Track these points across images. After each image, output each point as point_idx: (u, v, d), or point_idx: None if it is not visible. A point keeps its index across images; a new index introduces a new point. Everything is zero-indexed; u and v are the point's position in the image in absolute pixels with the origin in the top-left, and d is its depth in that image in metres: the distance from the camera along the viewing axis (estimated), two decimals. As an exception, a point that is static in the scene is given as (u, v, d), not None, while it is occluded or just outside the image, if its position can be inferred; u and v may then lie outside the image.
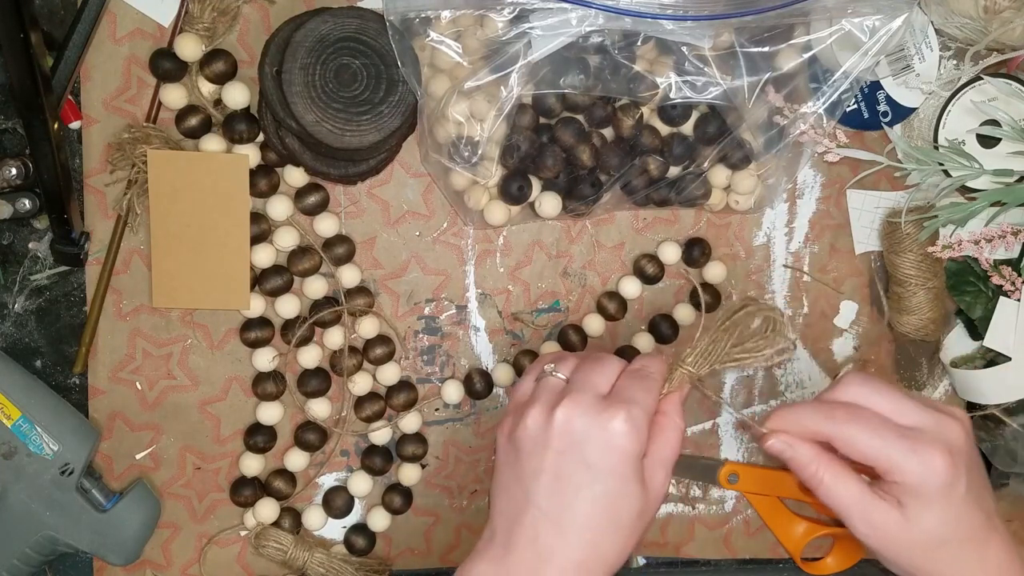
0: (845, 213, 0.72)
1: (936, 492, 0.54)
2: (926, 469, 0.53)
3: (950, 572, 0.55)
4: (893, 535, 0.55)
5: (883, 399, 0.56)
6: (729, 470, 0.71)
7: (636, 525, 0.54)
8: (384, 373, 0.70)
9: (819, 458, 0.56)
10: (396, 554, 0.72)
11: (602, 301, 0.71)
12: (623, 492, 0.53)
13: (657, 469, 0.55)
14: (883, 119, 0.68)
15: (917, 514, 0.54)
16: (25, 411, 0.64)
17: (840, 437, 0.55)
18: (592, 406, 0.54)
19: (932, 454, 0.53)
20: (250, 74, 0.66)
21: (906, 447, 0.53)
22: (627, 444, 0.53)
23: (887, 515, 0.54)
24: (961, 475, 0.54)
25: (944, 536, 0.54)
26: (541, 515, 0.53)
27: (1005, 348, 0.70)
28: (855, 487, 0.55)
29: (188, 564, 0.71)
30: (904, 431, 0.54)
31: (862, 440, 0.54)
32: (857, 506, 0.55)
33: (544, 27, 0.60)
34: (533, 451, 0.54)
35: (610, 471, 0.53)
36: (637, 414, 0.54)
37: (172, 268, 0.66)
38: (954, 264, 0.72)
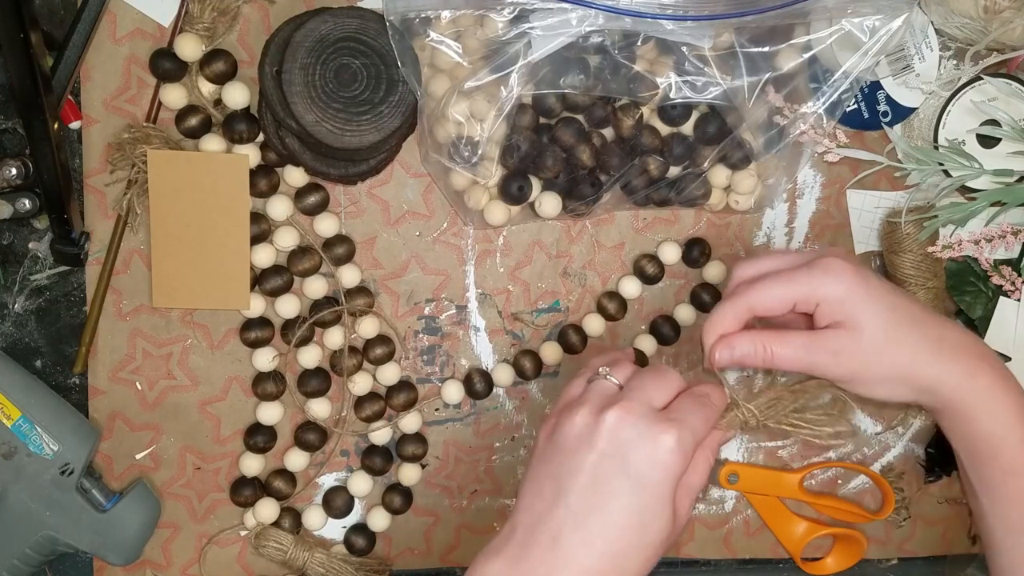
0: (845, 213, 0.72)
1: (853, 288, 0.56)
2: (830, 273, 0.57)
3: (917, 361, 0.57)
4: (854, 352, 0.57)
5: (768, 261, 0.60)
6: (729, 470, 0.71)
7: (659, 548, 0.52)
8: (384, 373, 0.70)
9: (758, 337, 0.58)
10: (396, 554, 0.72)
11: (602, 301, 0.71)
12: (657, 511, 0.52)
13: (685, 497, 0.54)
14: (883, 119, 0.68)
15: (855, 318, 0.56)
16: (25, 411, 0.64)
17: (755, 303, 0.58)
18: (645, 416, 0.53)
19: (827, 262, 0.57)
20: (250, 74, 0.66)
21: (805, 271, 0.57)
22: (673, 463, 0.52)
23: (837, 338, 0.57)
24: (865, 270, 0.58)
25: (890, 323, 0.57)
26: (570, 515, 0.51)
27: (1005, 348, 0.70)
28: (800, 337, 0.58)
29: (188, 564, 0.71)
30: (799, 266, 0.58)
31: (772, 291, 0.57)
32: (812, 349, 0.57)
33: (544, 27, 0.60)
34: (576, 449, 0.53)
35: (650, 485, 0.51)
36: (687, 438, 0.53)
37: (172, 268, 0.66)
38: (954, 264, 0.72)
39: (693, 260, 0.71)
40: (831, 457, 0.74)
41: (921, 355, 0.57)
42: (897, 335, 0.57)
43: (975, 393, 0.57)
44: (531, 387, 0.72)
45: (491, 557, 0.52)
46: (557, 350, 0.70)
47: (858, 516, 0.72)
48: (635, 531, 0.51)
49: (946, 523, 0.76)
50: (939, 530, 0.76)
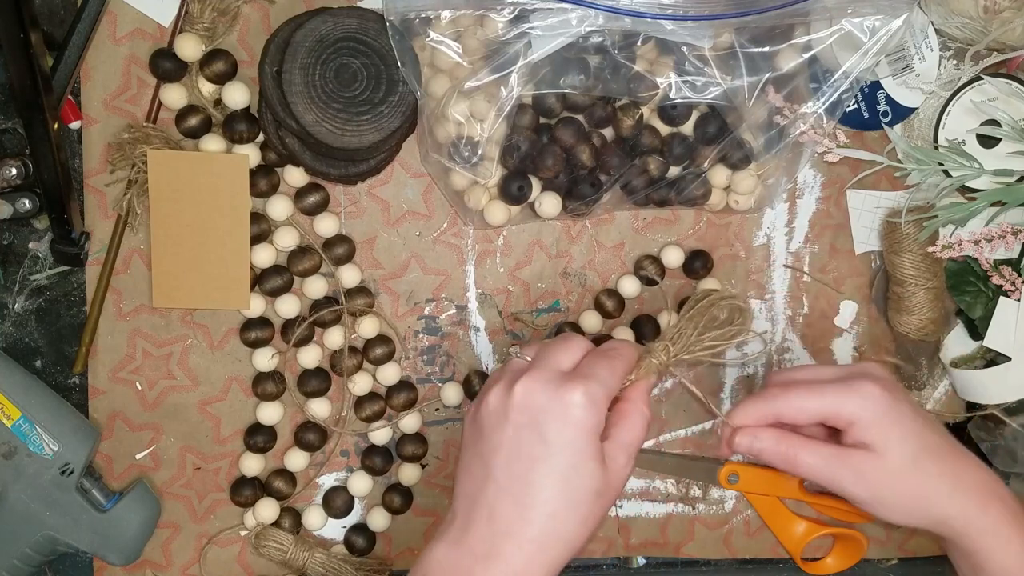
0: (845, 213, 0.72)
1: (885, 414, 0.58)
2: (864, 398, 0.58)
3: (933, 495, 0.58)
4: (876, 474, 0.58)
5: (804, 370, 0.62)
6: (729, 470, 0.71)
7: (594, 505, 0.54)
8: (384, 373, 0.70)
9: (784, 438, 0.59)
10: (396, 554, 0.72)
11: (600, 298, 0.71)
12: (580, 467, 0.53)
13: (618, 452, 0.55)
14: (883, 119, 0.68)
15: (883, 444, 0.58)
16: (25, 411, 0.64)
17: (785, 410, 0.59)
18: (551, 380, 0.54)
19: (862, 384, 0.58)
20: (250, 74, 0.66)
21: (840, 389, 0.58)
22: (583, 417, 0.53)
23: (863, 459, 0.58)
24: (899, 395, 0.59)
25: (915, 454, 0.58)
26: (499, 490, 0.53)
27: (1005, 348, 0.70)
28: (826, 450, 0.59)
29: (188, 564, 0.71)
30: (834, 380, 0.60)
31: (804, 402, 0.59)
32: (834, 462, 0.58)
33: (544, 27, 0.60)
34: (495, 427, 0.54)
35: (566, 445, 0.53)
36: (595, 390, 0.54)
37: (172, 268, 0.66)
38: (954, 264, 0.72)
39: (694, 271, 0.71)
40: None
41: (940, 489, 0.58)
42: (920, 466, 0.58)
43: (986, 529, 0.58)
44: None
45: (435, 543, 0.54)
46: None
47: (858, 516, 0.72)
48: (563, 492, 0.53)
49: (946, 523, 0.76)
50: (939, 530, 0.76)
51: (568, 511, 0.53)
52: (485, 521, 0.53)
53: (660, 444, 0.73)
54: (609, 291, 0.71)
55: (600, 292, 0.71)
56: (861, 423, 0.58)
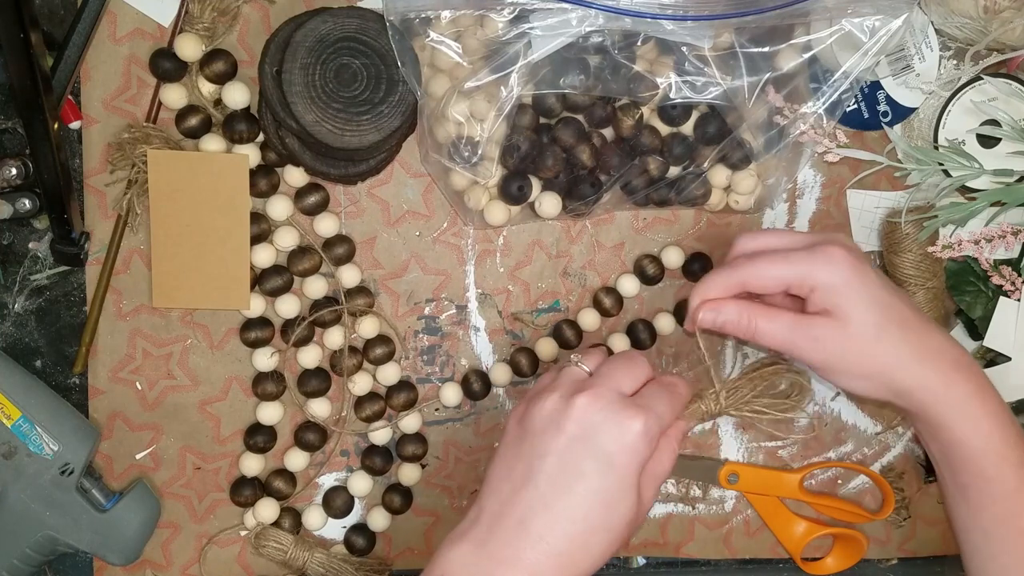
0: (845, 213, 0.72)
1: (849, 280, 0.57)
2: (829, 262, 0.57)
3: (897, 362, 0.57)
4: (837, 342, 0.57)
5: (770, 236, 0.60)
6: (729, 470, 0.71)
7: (623, 531, 0.54)
8: (384, 373, 0.70)
9: (745, 308, 0.58)
10: (396, 554, 0.72)
11: (599, 296, 0.70)
12: (622, 495, 0.53)
13: (650, 484, 0.56)
14: (883, 119, 0.68)
15: (845, 310, 0.56)
16: (25, 411, 0.64)
17: (750, 279, 0.58)
18: (614, 402, 0.54)
19: (828, 249, 0.57)
20: (250, 74, 0.66)
21: (805, 255, 0.57)
22: (640, 447, 0.53)
23: (823, 326, 0.57)
24: (864, 264, 0.58)
25: (878, 321, 0.56)
26: (537, 496, 0.52)
27: (1005, 348, 0.70)
28: (787, 316, 0.58)
29: (188, 564, 0.71)
30: (799, 247, 0.58)
31: (768, 270, 0.58)
32: (796, 331, 0.57)
33: (544, 27, 0.60)
34: (545, 432, 0.54)
35: (617, 468, 0.53)
36: (654, 424, 0.54)
37: (172, 268, 0.66)
38: (954, 264, 0.72)
39: (692, 273, 0.71)
40: (830, 457, 0.74)
41: (902, 358, 0.57)
42: (883, 334, 0.57)
43: (951, 401, 0.57)
44: (531, 387, 0.72)
45: (457, 541, 0.53)
46: (553, 346, 0.70)
47: (858, 516, 0.72)
48: (601, 513, 0.52)
49: (946, 523, 0.76)
50: (939, 530, 0.76)
51: (600, 533, 0.52)
52: (515, 526, 0.52)
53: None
54: (608, 289, 0.71)
55: (599, 290, 0.71)
56: (825, 288, 0.56)
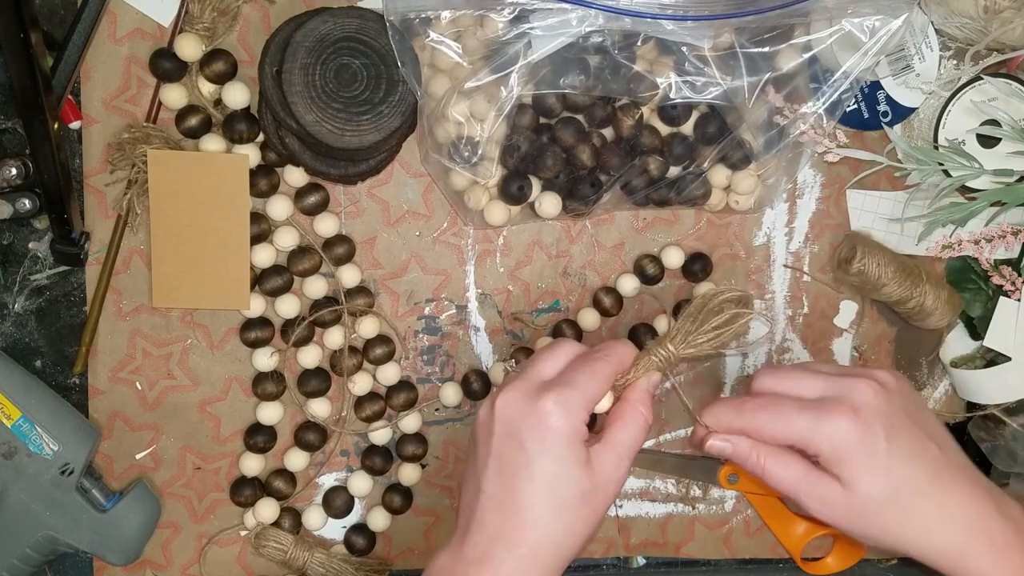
0: (845, 213, 0.72)
1: (854, 453, 0.55)
2: (833, 433, 0.55)
3: (909, 531, 0.56)
4: (842, 506, 0.56)
5: (788, 379, 0.58)
6: (729, 470, 0.71)
7: (581, 509, 0.54)
8: (384, 373, 0.70)
9: (757, 447, 0.57)
10: (396, 554, 0.72)
11: (599, 295, 0.70)
12: (561, 473, 0.53)
13: (608, 454, 0.55)
14: (883, 119, 0.68)
15: (851, 480, 0.55)
16: (25, 411, 0.64)
17: (750, 428, 0.57)
18: (528, 390, 0.55)
19: (833, 418, 0.55)
20: (250, 74, 0.66)
21: (809, 418, 0.55)
22: (558, 424, 0.53)
23: (830, 488, 0.56)
24: (876, 431, 0.55)
25: (886, 496, 0.55)
26: (488, 500, 0.54)
27: (1005, 348, 0.70)
28: (796, 467, 0.57)
29: (188, 564, 0.71)
30: (806, 405, 0.56)
31: (768, 425, 0.57)
32: (803, 484, 0.56)
33: (544, 27, 0.60)
34: (482, 439, 0.56)
35: (544, 452, 0.53)
36: (570, 395, 0.54)
37: (172, 268, 0.66)
38: (954, 264, 0.72)
39: (692, 274, 0.71)
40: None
41: (913, 530, 0.56)
42: (891, 508, 0.55)
43: (969, 570, 0.55)
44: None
45: (438, 554, 0.55)
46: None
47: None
48: (545, 497, 0.53)
49: (946, 523, 0.76)
50: (939, 530, 0.76)
51: (555, 515, 0.53)
52: (478, 530, 0.54)
53: (660, 444, 0.73)
54: (607, 288, 0.71)
55: (599, 289, 0.71)
56: (828, 456, 0.55)
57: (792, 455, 0.57)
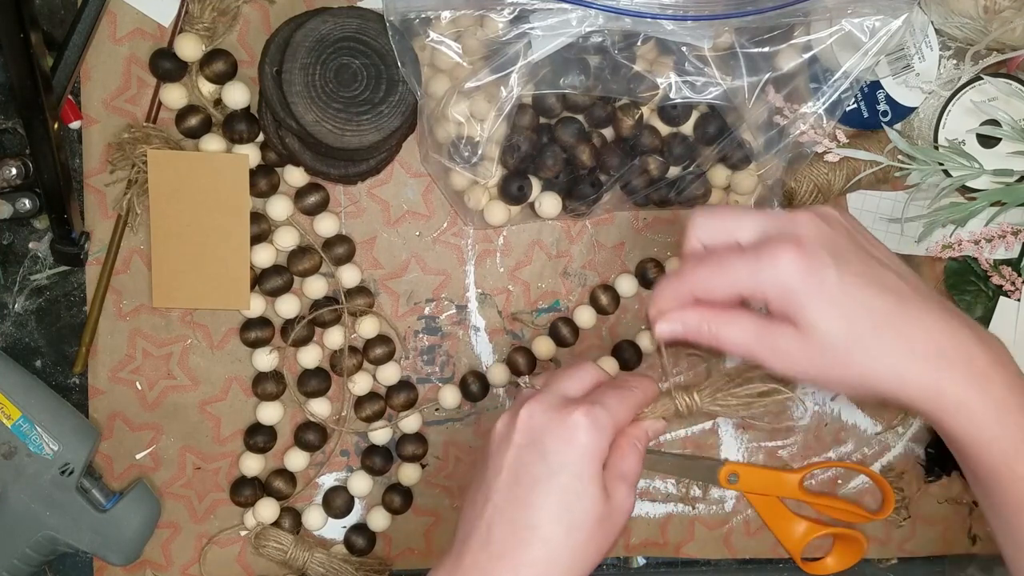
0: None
1: (802, 288, 0.50)
2: (776, 270, 0.50)
3: (879, 367, 0.50)
4: (802, 354, 0.51)
5: (724, 221, 0.53)
6: (729, 470, 0.71)
7: (595, 531, 0.52)
8: (384, 373, 0.70)
9: (704, 317, 0.53)
10: (396, 554, 0.72)
11: (596, 292, 0.70)
12: (580, 491, 0.51)
13: (618, 483, 0.53)
14: (883, 119, 0.68)
15: (805, 319, 0.50)
16: (25, 411, 0.64)
17: (696, 289, 0.53)
18: (556, 404, 0.53)
19: (774, 254, 0.50)
20: (250, 74, 0.66)
21: (750, 261, 0.51)
22: (586, 439, 0.51)
23: (786, 337, 0.51)
24: (823, 259, 0.50)
25: (845, 330, 0.50)
26: (497, 511, 0.51)
27: (1005, 348, 0.70)
28: (749, 324, 0.52)
29: (188, 564, 0.71)
30: (746, 250, 0.52)
31: (712, 280, 0.52)
32: (759, 341, 0.52)
33: (544, 27, 0.60)
34: (497, 451, 0.53)
35: (568, 465, 0.51)
36: (600, 413, 0.52)
37: (172, 268, 0.66)
38: (954, 264, 0.72)
39: None
40: (830, 457, 0.74)
41: (880, 365, 0.50)
42: (854, 343, 0.50)
43: (944, 405, 0.50)
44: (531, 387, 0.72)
45: (433, 571, 0.52)
46: (550, 345, 0.70)
47: (858, 516, 0.72)
48: (562, 514, 0.51)
49: (946, 523, 0.76)
50: (939, 530, 0.76)
51: (567, 535, 0.51)
52: (480, 546, 0.51)
53: (660, 444, 0.73)
54: (605, 287, 0.71)
55: (596, 287, 0.71)
56: (777, 299, 0.50)
57: (742, 313, 0.52)
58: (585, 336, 0.71)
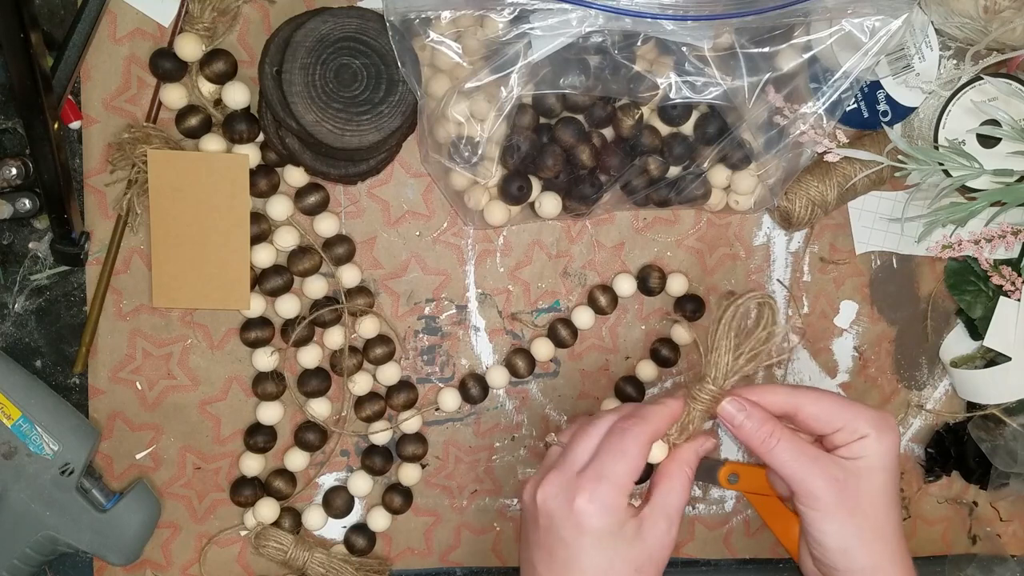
0: (845, 213, 0.72)
1: (892, 448, 0.58)
2: (886, 424, 0.58)
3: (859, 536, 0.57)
4: (852, 487, 0.57)
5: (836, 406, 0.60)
6: (729, 470, 0.71)
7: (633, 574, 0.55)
8: (384, 373, 0.70)
9: (772, 421, 0.58)
10: (396, 554, 0.72)
11: (594, 292, 0.70)
12: (611, 558, 0.55)
13: (658, 519, 0.56)
14: (883, 119, 0.68)
15: (875, 466, 0.57)
16: (25, 411, 0.64)
17: (808, 401, 0.59)
18: (563, 486, 0.56)
19: (889, 427, 0.58)
20: (250, 74, 0.66)
21: (864, 407, 0.58)
22: (594, 523, 0.55)
23: (846, 468, 0.57)
24: (898, 466, 0.59)
25: (890, 495, 0.58)
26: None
27: (1005, 348, 0.70)
28: (812, 447, 0.59)
29: (188, 564, 0.71)
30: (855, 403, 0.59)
31: (828, 403, 0.58)
32: (817, 463, 0.57)
33: (544, 27, 0.60)
34: (530, 523, 0.58)
35: (586, 548, 0.55)
36: (602, 490, 0.55)
37: (172, 268, 0.66)
38: (954, 264, 0.72)
39: (681, 308, 0.71)
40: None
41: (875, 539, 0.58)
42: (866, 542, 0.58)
43: None
44: (531, 387, 0.72)
45: None
46: (549, 346, 0.70)
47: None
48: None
49: (946, 523, 0.76)
50: (939, 530, 0.76)
51: None
52: None
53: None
54: (604, 287, 0.71)
55: (595, 287, 0.71)
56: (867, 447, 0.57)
57: (803, 442, 0.58)
58: (584, 337, 0.71)
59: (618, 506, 0.55)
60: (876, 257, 0.73)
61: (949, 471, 0.75)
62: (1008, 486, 0.73)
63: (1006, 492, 0.75)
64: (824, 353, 0.74)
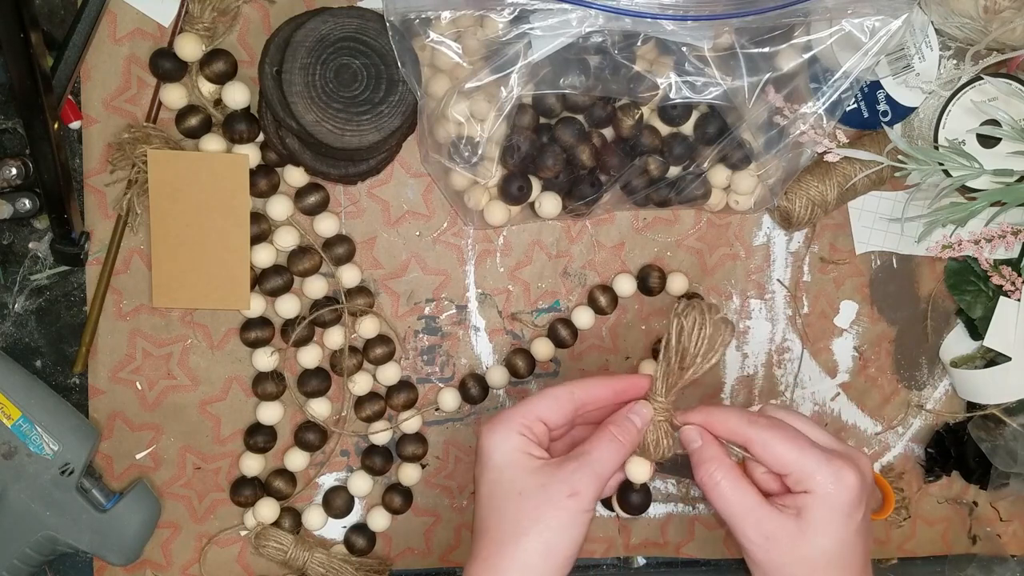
0: (845, 213, 0.72)
1: (841, 509, 0.54)
2: (839, 482, 0.54)
3: None
4: (785, 547, 0.54)
5: (800, 422, 0.58)
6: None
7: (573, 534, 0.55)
8: (384, 373, 0.70)
9: (721, 460, 0.56)
10: (396, 554, 0.72)
11: (594, 292, 0.70)
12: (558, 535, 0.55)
13: (588, 476, 0.56)
14: (883, 119, 0.68)
15: (815, 528, 0.54)
16: (25, 411, 0.64)
17: (759, 440, 0.56)
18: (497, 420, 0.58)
19: (847, 470, 0.54)
20: (250, 74, 0.66)
21: (822, 458, 0.55)
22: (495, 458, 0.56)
23: (783, 525, 0.54)
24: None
25: (832, 559, 0.54)
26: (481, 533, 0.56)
27: (1005, 348, 0.70)
28: (752, 495, 0.56)
29: (188, 564, 0.71)
30: (820, 447, 0.56)
31: (780, 446, 0.55)
32: (753, 514, 0.55)
33: (544, 27, 0.60)
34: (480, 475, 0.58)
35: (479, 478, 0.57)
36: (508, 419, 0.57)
37: (172, 268, 0.66)
38: (954, 264, 0.72)
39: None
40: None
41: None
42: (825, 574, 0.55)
43: None
44: (531, 387, 0.72)
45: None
46: (549, 346, 0.70)
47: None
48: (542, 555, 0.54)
49: (946, 523, 0.76)
50: (939, 530, 0.76)
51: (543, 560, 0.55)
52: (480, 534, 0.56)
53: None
54: (604, 287, 0.71)
55: (595, 287, 0.71)
56: (816, 498, 0.54)
57: (750, 483, 0.56)
58: (584, 337, 0.71)
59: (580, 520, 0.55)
60: (876, 257, 0.73)
61: (949, 471, 0.75)
62: (1008, 486, 0.73)
63: (1006, 492, 0.75)
64: (824, 353, 0.74)
